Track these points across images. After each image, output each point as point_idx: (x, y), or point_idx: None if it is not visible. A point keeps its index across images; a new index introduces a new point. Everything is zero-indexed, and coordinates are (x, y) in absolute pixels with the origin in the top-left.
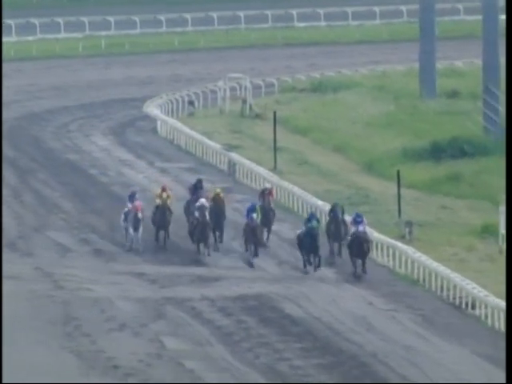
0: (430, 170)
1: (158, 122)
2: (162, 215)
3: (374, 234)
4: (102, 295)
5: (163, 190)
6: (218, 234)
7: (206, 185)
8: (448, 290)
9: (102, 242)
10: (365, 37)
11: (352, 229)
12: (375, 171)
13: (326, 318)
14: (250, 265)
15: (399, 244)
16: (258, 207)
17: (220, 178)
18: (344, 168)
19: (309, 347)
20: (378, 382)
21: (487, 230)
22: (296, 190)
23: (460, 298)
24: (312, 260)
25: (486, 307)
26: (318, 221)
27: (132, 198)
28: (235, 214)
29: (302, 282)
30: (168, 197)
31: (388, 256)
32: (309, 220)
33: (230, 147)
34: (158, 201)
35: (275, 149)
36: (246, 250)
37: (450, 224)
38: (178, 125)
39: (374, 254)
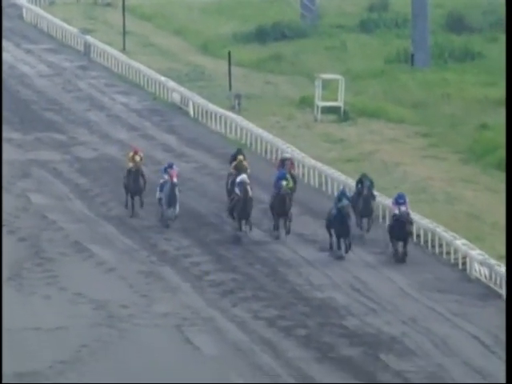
0: (256, 51)
1: (24, 10)
2: (135, 181)
3: (209, 106)
4: None
5: (135, 152)
6: None
7: (65, 63)
8: (271, 152)
9: None
10: None
11: (394, 210)
12: (209, 52)
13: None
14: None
15: (230, 113)
16: (288, 175)
17: (77, 58)
18: (183, 49)
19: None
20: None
21: (304, 102)
22: (142, 67)
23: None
24: (342, 243)
25: (303, 167)
26: (349, 199)
27: (168, 169)
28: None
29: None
30: (141, 159)
31: (221, 124)
32: (339, 199)
33: (86, 31)
34: (131, 164)
35: (124, 32)
36: (273, 215)
37: (273, 97)
38: (41, 12)
39: (208, 122)
